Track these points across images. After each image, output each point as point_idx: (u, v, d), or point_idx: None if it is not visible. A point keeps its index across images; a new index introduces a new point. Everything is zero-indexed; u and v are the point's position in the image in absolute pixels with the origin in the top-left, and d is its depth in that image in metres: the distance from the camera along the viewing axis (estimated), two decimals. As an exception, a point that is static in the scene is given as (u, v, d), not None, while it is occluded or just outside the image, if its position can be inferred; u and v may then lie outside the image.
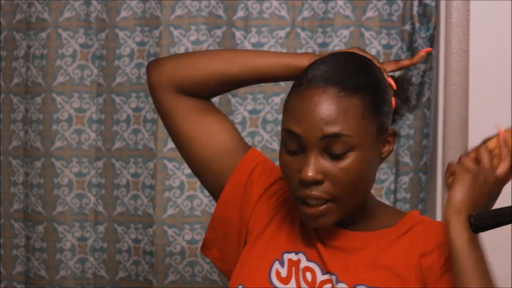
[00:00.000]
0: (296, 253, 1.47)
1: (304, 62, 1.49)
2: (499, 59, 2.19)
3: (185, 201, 2.36)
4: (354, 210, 1.44)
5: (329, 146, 1.37)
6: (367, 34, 2.31)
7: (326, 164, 1.38)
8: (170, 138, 2.34)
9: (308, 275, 1.45)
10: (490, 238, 1.58)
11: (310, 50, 2.33)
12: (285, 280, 1.45)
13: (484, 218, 1.28)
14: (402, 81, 1.50)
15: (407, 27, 2.31)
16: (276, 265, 1.47)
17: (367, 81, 1.41)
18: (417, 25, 2.30)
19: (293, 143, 1.40)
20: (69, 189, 2.41)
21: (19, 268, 2.47)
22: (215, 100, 2.25)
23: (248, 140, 2.31)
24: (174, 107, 1.55)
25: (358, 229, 1.47)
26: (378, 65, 1.46)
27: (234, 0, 2.35)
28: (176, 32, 2.35)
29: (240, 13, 2.35)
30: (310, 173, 1.37)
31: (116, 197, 2.41)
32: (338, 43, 2.31)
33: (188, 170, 2.35)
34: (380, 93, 1.43)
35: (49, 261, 2.42)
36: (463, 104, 2.25)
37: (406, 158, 2.32)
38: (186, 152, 1.57)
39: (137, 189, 2.39)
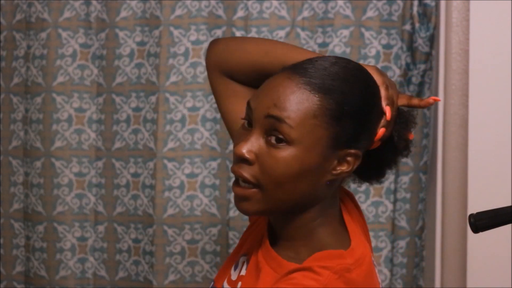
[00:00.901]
0: (245, 255, 1.50)
1: None
2: (499, 59, 2.19)
3: (185, 201, 2.36)
4: (288, 216, 1.40)
5: (271, 129, 1.34)
6: (367, 34, 2.31)
7: (263, 148, 1.35)
8: (170, 138, 2.35)
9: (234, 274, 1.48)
10: (490, 238, 1.58)
11: (310, 50, 2.33)
12: (233, 283, 1.47)
13: (484, 218, 1.28)
14: (408, 116, 1.46)
15: (407, 27, 2.31)
16: (233, 267, 1.50)
17: (339, 88, 1.36)
18: (417, 25, 2.30)
19: (247, 116, 1.39)
20: (69, 189, 2.41)
21: (19, 268, 2.47)
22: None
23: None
24: (218, 88, 1.58)
25: (282, 249, 1.42)
26: (383, 91, 1.42)
27: (234, 0, 2.35)
28: (176, 32, 2.35)
29: (240, 13, 2.35)
30: (243, 149, 1.35)
31: (116, 197, 2.41)
32: (338, 43, 2.31)
33: (188, 170, 2.35)
34: (351, 105, 1.36)
35: (49, 261, 2.42)
36: (463, 104, 2.25)
37: (404, 159, 2.32)
38: (228, 128, 1.59)
39: (137, 189, 2.39)
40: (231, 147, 2.34)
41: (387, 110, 1.40)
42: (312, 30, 2.34)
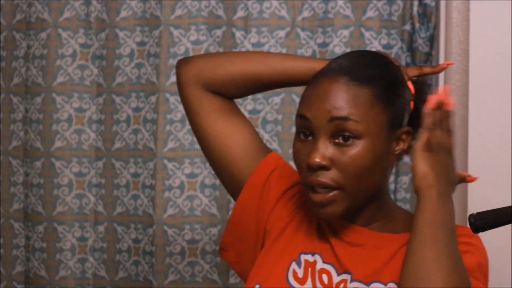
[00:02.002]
0: (313, 254, 1.48)
1: None
2: (499, 59, 2.19)
3: (185, 201, 2.36)
4: (365, 205, 1.46)
5: (337, 131, 1.40)
6: (367, 34, 2.31)
7: (334, 151, 1.40)
8: (170, 138, 2.35)
9: (324, 277, 1.45)
10: (490, 238, 1.58)
11: (310, 50, 2.33)
12: (302, 281, 1.46)
13: (484, 218, 1.28)
14: (421, 85, 1.52)
15: (407, 27, 2.31)
16: (293, 265, 1.48)
17: (378, 74, 1.43)
18: (417, 25, 2.30)
19: (304, 128, 1.42)
20: (69, 189, 2.41)
21: (19, 268, 2.47)
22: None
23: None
24: (199, 104, 1.59)
25: (377, 229, 1.48)
26: (398, 66, 1.48)
27: (234, 0, 2.35)
28: (176, 32, 2.35)
29: (240, 13, 2.35)
30: (317, 158, 1.39)
31: (116, 197, 2.41)
32: (338, 43, 2.31)
33: (188, 170, 2.35)
34: (393, 87, 1.44)
35: (49, 261, 2.42)
36: (463, 104, 2.25)
37: (406, 158, 2.32)
38: (207, 150, 1.60)
39: (137, 189, 2.39)
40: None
41: (410, 84, 1.49)
42: (312, 30, 2.34)
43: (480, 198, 2.20)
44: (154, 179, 2.36)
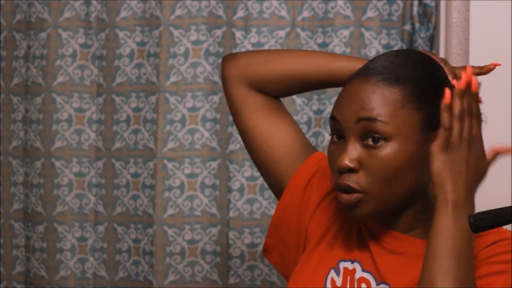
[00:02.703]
0: (352, 262, 1.44)
1: None
2: (499, 59, 2.18)
3: (185, 201, 2.36)
4: (404, 210, 1.40)
5: (366, 132, 1.36)
6: (367, 34, 2.31)
7: (362, 152, 1.36)
8: (170, 138, 2.35)
9: (364, 286, 1.41)
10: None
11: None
12: None
13: (484, 218, 1.28)
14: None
15: (407, 27, 2.31)
16: (332, 273, 1.44)
17: (414, 74, 1.38)
18: (417, 25, 2.30)
19: (336, 130, 1.40)
20: (69, 189, 2.41)
21: (19, 268, 2.47)
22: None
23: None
24: (243, 102, 1.55)
25: (420, 235, 1.42)
26: (445, 67, 1.44)
27: (234, 0, 2.35)
28: (176, 32, 2.35)
29: (240, 13, 2.35)
30: (345, 160, 1.36)
31: (116, 197, 2.41)
32: (338, 43, 2.31)
33: (188, 170, 2.35)
34: (429, 87, 1.38)
35: (49, 261, 2.42)
36: (463, 104, 2.25)
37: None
38: (250, 149, 1.57)
39: (137, 189, 2.39)
40: (231, 147, 2.35)
41: (455, 83, 1.41)
42: (312, 30, 2.33)
43: (480, 198, 2.20)
44: (154, 179, 2.36)
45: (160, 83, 2.36)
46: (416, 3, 2.30)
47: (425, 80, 1.39)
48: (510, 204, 1.35)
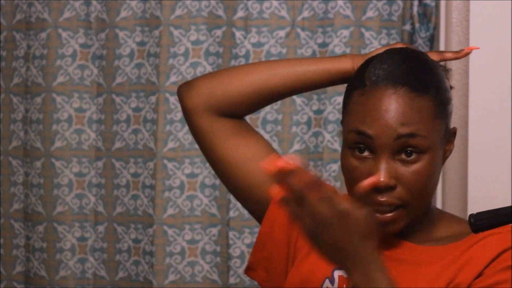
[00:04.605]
0: None
1: (347, 65, 1.43)
2: (499, 59, 2.19)
3: (185, 201, 2.36)
4: (420, 217, 1.37)
5: (402, 148, 1.31)
6: (367, 34, 2.31)
7: (398, 167, 1.31)
8: (170, 138, 2.35)
9: None
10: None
11: (310, 50, 2.33)
12: None
13: (484, 218, 1.28)
14: (444, 72, 1.43)
15: (407, 27, 2.31)
16: (327, 283, 1.39)
17: (434, 80, 1.35)
18: (417, 25, 2.30)
19: (363, 145, 1.32)
20: (69, 189, 2.41)
21: (19, 268, 2.47)
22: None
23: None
24: (213, 132, 1.48)
25: (418, 241, 1.38)
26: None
27: (234, 0, 2.35)
28: (176, 32, 2.35)
29: (240, 13, 2.35)
30: (383, 178, 1.30)
31: (116, 197, 2.41)
32: (338, 43, 2.31)
33: (188, 170, 2.35)
34: (447, 91, 1.37)
35: (49, 261, 2.42)
36: (463, 104, 2.25)
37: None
38: (226, 178, 1.49)
39: (137, 189, 2.39)
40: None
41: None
42: (312, 30, 2.33)
43: (480, 198, 2.20)
44: (154, 179, 2.36)
45: (160, 83, 2.36)
46: (416, 3, 2.30)
47: (442, 83, 1.36)
48: (510, 204, 1.35)
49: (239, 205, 2.34)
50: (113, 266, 2.41)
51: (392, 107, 1.31)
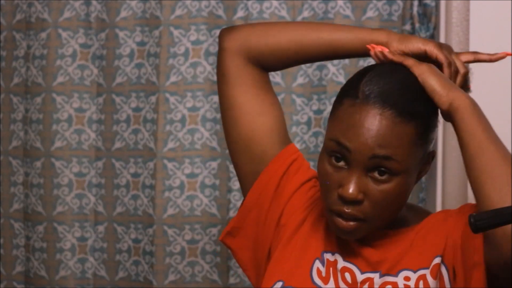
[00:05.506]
0: (333, 254, 1.46)
1: (381, 38, 1.46)
2: (499, 59, 2.19)
3: (185, 201, 2.36)
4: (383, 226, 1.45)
5: (376, 167, 1.36)
6: (367, 34, 2.31)
7: (369, 184, 1.37)
8: (170, 138, 2.35)
9: (347, 276, 1.44)
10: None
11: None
12: (325, 280, 1.44)
13: (484, 218, 1.28)
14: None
15: (407, 27, 2.31)
16: (317, 263, 1.45)
17: (423, 109, 1.39)
18: (417, 25, 2.30)
19: (340, 155, 1.38)
20: (69, 189, 2.41)
21: (19, 268, 2.47)
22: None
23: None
24: (239, 76, 1.52)
25: (392, 229, 1.47)
26: (446, 68, 1.47)
27: (234, 0, 2.35)
28: (176, 32, 2.35)
29: (240, 13, 2.35)
30: (352, 191, 1.36)
31: (116, 197, 2.41)
32: (338, 43, 2.31)
33: (188, 170, 2.35)
34: (433, 120, 1.42)
35: (49, 261, 2.42)
36: (463, 104, 2.24)
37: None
38: (231, 123, 1.53)
39: (137, 189, 2.39)
40: (231, 147, 2.35)
41: (470, 87, 1.52)
42: (312, 30, 2.33)
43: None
44: (154, 179, 2.36)
45: (160, 83, 2.36)
46: (416, 3, 2.30)
47: (431, 114, 1.41)
48: (510, 204, 1.35)
49: (239, 205, 2.34)
50: (113, 266, 2.41)
51: (375, 127, 1.35)
